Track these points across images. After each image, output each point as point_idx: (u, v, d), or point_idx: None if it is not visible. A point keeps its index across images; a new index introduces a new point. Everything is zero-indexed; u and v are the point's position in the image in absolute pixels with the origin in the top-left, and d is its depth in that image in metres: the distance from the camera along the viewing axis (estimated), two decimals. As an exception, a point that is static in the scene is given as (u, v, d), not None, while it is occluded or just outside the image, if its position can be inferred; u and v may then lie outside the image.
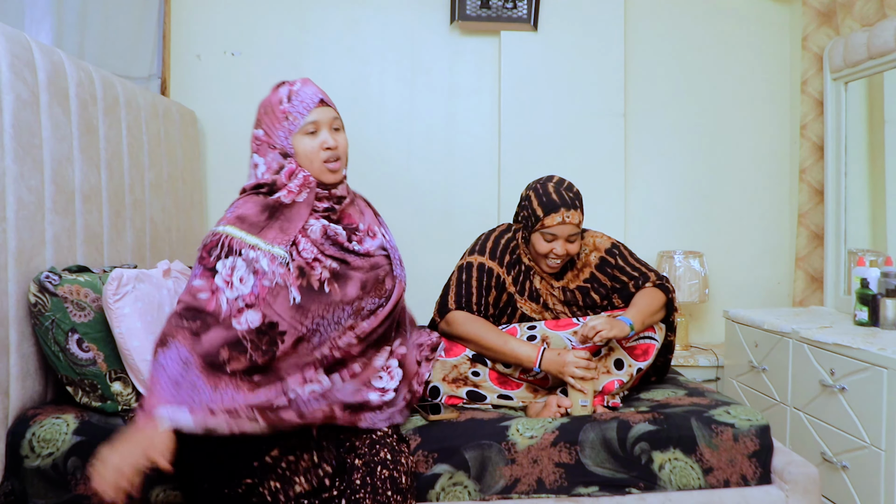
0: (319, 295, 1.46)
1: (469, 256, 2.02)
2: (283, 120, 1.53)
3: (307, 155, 1.53)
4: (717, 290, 3.32)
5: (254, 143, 1.56)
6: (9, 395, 1.60)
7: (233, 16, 3.12)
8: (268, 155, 1.53)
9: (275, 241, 1.45)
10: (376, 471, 1.37)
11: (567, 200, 1.91)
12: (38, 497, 1.57)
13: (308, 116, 1.53)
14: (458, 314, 1.93)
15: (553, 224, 1.90)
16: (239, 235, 1.44)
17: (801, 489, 1.68)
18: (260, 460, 1.35)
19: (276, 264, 1.43)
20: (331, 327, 1.48)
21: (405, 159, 3.23)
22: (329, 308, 1.47)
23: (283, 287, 1.43)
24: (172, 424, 1.26)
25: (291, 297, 1.43)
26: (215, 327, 1.37)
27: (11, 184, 1.59)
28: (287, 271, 1.44)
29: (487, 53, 3.22)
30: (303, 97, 1.53)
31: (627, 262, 2.05)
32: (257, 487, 1.33)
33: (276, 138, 1.53)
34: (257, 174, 1.55)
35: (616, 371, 1.92)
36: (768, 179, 3.35)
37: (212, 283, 1.40)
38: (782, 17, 3.32)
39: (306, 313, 1.44)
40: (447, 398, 1.89)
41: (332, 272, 1.49)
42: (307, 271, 1.47)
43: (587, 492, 1.67)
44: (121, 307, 1.64)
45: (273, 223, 1.47)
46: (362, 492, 1.35)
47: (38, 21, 2.59)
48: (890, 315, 2.33)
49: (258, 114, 1.59)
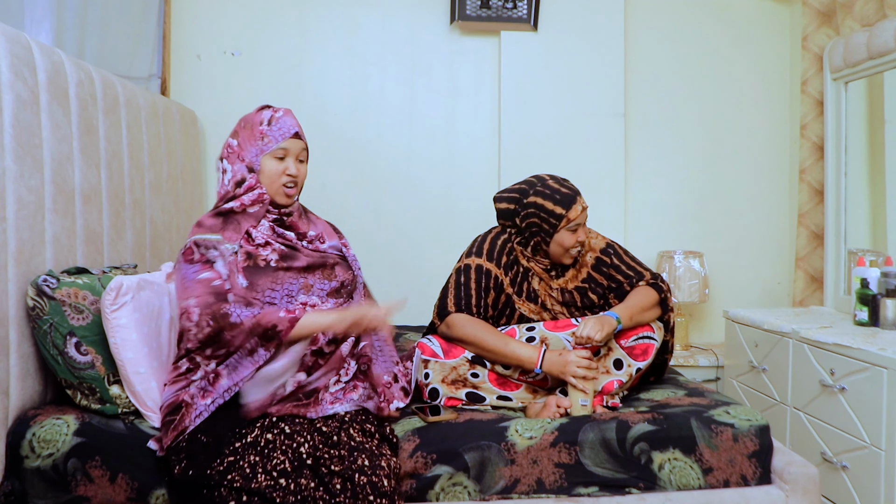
0: (265, 270, 1.64)
1: (466, 259, 2.02)
2: (258, 139, 1.69)
3: (270, 175, 1.69)
4: (717, 290, 3.32)
5: (225, 150, 1.72)
6: (9, 395, 1.60)
7: (233, 16, 3.12)
8: (235, 164, 1.69)
9: (230, 240, 1.64)
10: (354, 478, 1.40)
11: (575, 189, 2.00)
12: (38, 497, 1.57)
13: (281, 143, 1.69)
14: (457, 317, 1.93)
15: (577, 214, 1.95)
16: (204, 236, 1.62)
17: (800, 489, 1.68)
18: (242, 440, 1.48)
19: (229, 255, 1.62)
20: (285, 300, 1.64)
21: (405, 159, 3.23)
22: (277, 281, 1.64)
23: (233, 272, 1.61)
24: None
25: (238, 282, 1.61)
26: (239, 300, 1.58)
27: (11, 184, 1.59)
28: (235, 258, 1.62)
29: (487, 53, 3.22)
30: (282, 125, 1.70)
31: (623, 262, 2.06)
32: (238, 462, 1.43)
33: (247, 153, 1.69)
34: (224, 179, 1.71)
35: (615, 371, 1.92)
36: (768, 179, 3.36)
37: (216, 271, 1.58)
38: (782, 17, 3.32)
39: (255, 287, 1.62)
40: (446, 399, 1.89)
41: (279, 253, 1.68)
42: (254, 254, 1.65)
43: (587, 492, 1.67)
44: (117, 317, 1.64)
45: (227, 226, 1.66)
46: (342, 496, 1.37)
47: (38, 21, 2.59)
48: (890, 315, 2.33)
49: (237, 125, 1.74)
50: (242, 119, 1.74)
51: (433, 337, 1.97)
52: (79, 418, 1.63)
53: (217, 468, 1.43)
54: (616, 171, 3.20)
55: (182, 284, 1.57)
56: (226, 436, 1.49)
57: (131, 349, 1.65)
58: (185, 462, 1.47)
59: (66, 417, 1.63)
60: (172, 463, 1.49)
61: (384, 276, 3.18)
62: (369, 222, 3.20)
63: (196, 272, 1.57)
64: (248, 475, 1.40)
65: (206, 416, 1.53)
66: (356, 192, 3.20)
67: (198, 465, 1.45)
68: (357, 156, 3.20)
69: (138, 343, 1.66)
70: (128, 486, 1.58)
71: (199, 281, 1.56)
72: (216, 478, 1.41)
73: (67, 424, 1.61)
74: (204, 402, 1.54)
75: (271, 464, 1.43)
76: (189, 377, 1.58)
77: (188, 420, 1.51)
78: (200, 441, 1.49)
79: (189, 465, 1.46)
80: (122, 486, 1.58)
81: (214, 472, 1.42)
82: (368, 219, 3.20)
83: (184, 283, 1.57)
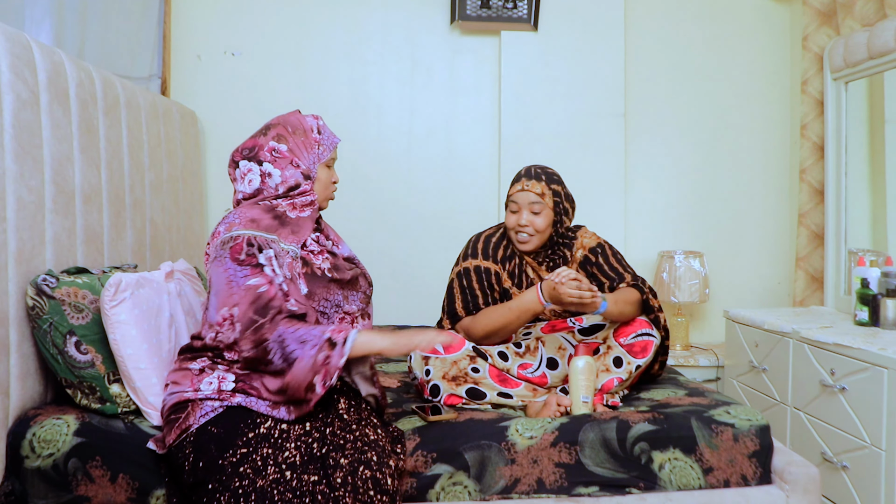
0: (321, 279, 1.63)
1: (464, 262, 2.08)
2: (314, 146, 1.69)
3: (323, 183, 1.72)
4: (717, 289, 3.32)
5: (268, 154, 1.65)
6: (9, 395, 1.60)
7: (233, 16, 3.12)
8: (287, 170, 1.65)
9: (288, 241, 1.60)
10: (358, 470, 1.40)
11: (531, 173, 2.05)
12: (39, 497, 1.57)
13: (332, 152, 1.73)
14: (465, 321, 2.02)
15: (514, 192, 2.03)
16: (259, 234, 1.55)
17: (801, 489, 1.68)
18: (255, 431, 1.45)
19: (289, 259, 1.58)
20: (333, 309, 1.65)
21: (405, 159, 3.23)
22: (329, 291, 1.64)
23: (295, 278, 1.58)
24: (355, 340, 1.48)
25: (300, 287, 1.58)
26: (285, 312, 1.50)
27: (11, 184, 1.59)
28: (295, 263, 1.60)
29: (487, 53, 3.22)
30: (329, 134, 1.73)
31: (607, 262, 2.08)
32: (251, 455, 1.41)
33: (303, 159, 1.67)
34: (268, 183, 1.65)
35: (615, 369, 1.93)
36: (769, 179, 3.36)
37: (265, 275, 1.51)
38: (783, 17, 3.32)
39: (313, 296, 1.61)
40: (447, 397, 1.89)
41: (330, 263, 1.67)
42: (310, 261, 1.63)
43: (587, 492, 1.67)
44: (117, 314, 1.64)
45: (283, 228, 1.61)
46: (342, 490, 1.36)
47: (39, 21, 2.59)
48: (890, 315, 2.32)
49: (279, 129, 1.68)
50: (285, 122, 1.68)
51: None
52: (79, 418, 1.63)
53: (230, 459, 1.40)
54: (616, 171, 3.20)
55: (227, 285, 1.49)
56: (238, 426, 1.46)
57: (131, 345, 1.64)
58: (194, 456, 1.44)
59: (67, 417, 1.63)
60: (179, 460, 1.47)
61: (384, 275, 3.18)
62: (369, 222, 3.20)
63: (245, 276, 1.49)
64: (260, 468, 1.38)
65: (213, 416, 1.48)
66: (356, 191, 3.20)
67: (209, 457, 1.42)
68: (357, 156, 3.20)
69: (138, 339, 1.65)
70: (128, 486, 1.58)
71: (246, 288, 1.48)
72: (228, 470, 1.38)
73: (68, 424, 1.61)
74: (212, 404, 1.49)
75: (282, 456, 1.41)
76: (202, 378, 1.53)
77: (193, 419, 1.48)
78: (211, 432, 1.45)
79: (199, 458, 1.43)
80: (122, 485, 1.58)
81: (227, 464, 1.39)
82: (368, 218, 3.20)
83: (229, 285, 1.49)
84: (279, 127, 1.68)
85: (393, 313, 3.15)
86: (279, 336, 1.46)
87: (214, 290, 1.52)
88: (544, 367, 2.01)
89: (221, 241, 1.55)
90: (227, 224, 1.58)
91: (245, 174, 1.66)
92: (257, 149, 1.65)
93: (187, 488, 1.45)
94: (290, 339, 1.45)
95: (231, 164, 1.69)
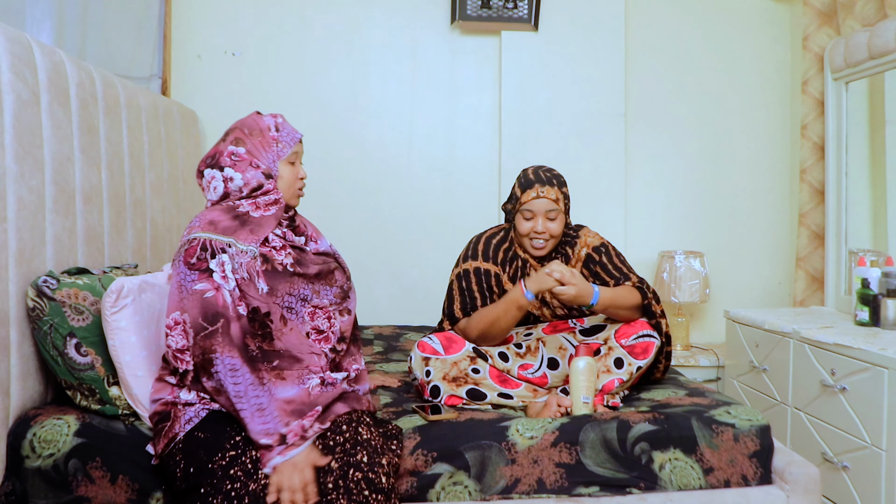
0: (283, 274, 1.62)
1: (464, 264, 2.06)
2: (273, 145, 1.69)
3: (287, 180, 1.71)
4: (717, 290, 3.32)
5: (227, 158, 1.66)
6: (10, 395, 1.60)
7: (233, 16, 3.12)
8: (248, 172, 1.66)
9: (246, 241, 1.59)
10: (349, 474, 1.40)
11: (542, 178, 2.00)
12: (39, 497, 1.57)
13: (293, 148, 1.72)
14: (461, 323, 2.01)
15: (528, 199, 1.98)
16: (215, 237, 1.56)
17: (801, 489, 1.68)
18: (242, 434, 1.47)
19: (247, 258, 1.58)
20: (299, 304, 1.64)
21: (406, 159, 3.23)
22: (293, 286, 1.63)
23: (253, 277, 1.58)
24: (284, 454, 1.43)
25: (259, 287, 1.58)
26: (233, 321, 1.50)
27: (12, 184, 1.59)
28: (254, 262, 1.59)
29: (488, 53, 3.22)
30: (288, 130, 1.72)
31: (611, 262, 2.07)
32: (240, 457, 1.42)
33: (262, 159, 1.67)
34: (230, 187, 1.66)
35: (616, 370, 1.92)
36: (769, 179, 3.36)
37: (212, 281, 1.51)
38: (783, 17, 3.32)
39: (275, 292, 1.60)
40: (447, 397, 1.89)
41: (294, 258, 1.66)
42: (271, 257, 1.62)
43: (588, 492, 1.67)
44: (117, 320, 1.64)
45: (242, 228, 1.61)
46: (335, 493, 1.37)
47: (39, 21, 2.59)
48: (891, 315, 2.32)
49: (236, 133, 1.69)
50: (240, 127, 1.70)
51: (434, 335, 1.97)
52: (79, 419, 1.63)
53: (219, 462, 1.41)
54: (616, 171, 3.20)
55: (178, 289, 1.53)
56: (225, 430, 1.48)
57: (130, 352, 1.64)
58: (184, 462, 1.46)
59: (67, 418, 1.63)
60: (171, 468, 1.48)
61: (383, 276, 3.19)
62: (369, 222, 3.20)
63: (193, 281, 1.51)
64: (250, 471, 1.40)
65: (198, 422, 1.50)
66: (356, 192, 3.20)
67: (199, 462, 1.43)
68: (357, 156, 3.20)
69: (137, 346, 1.65)
70: (128, 487, 1.58)
71: (193, 293, 1.50)
72: (219, 473, 1.40)
73: (68, 425, 1.61)
74: (195, 409, 1.51)
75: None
76: (178, 386, 1.55)
77: (178, 426, 1.50)
78: (198, 438, 1.47)
79: (189, 464, 1.45)
80: (122, 487, 1.58)
81: (217, 468, 1.41)
82: (368, 219, 3.20)
83: (180, 289, 1.52)
84: (237, 131, 1.70)
85: (391, 315, 3.15)
86: (231, 365, 1.46)
87: (169, 293, 1.56)
88: (545, 367, 2.01)
89: (181, 243, 1.58)
90: (189, 227, 1.60)
91: (210, 182, 1.67)
92: (218, 155, 1.67)
93: (182, 494, 1.46)
94: (238, 384, 1.45)
95: (198, 174, 1.71)
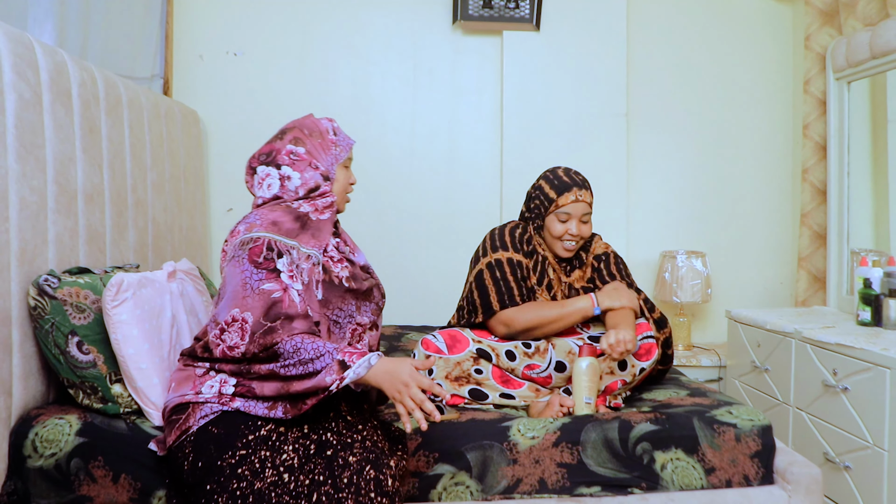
0: (338, 288, 1.61)
1: (494, 254, 2.02)
2: (332, 148, 1.70)
3: (341, 184, 1.73)
4: (719, 290, 3.32)
5: (286, 157, 1.65)
6: (12, 394, 1.61)
7: (235, 16, 3.12)
8: (306, 172, 1.65)
9: (309, 245, 1.59)
10: (364, 470, 1.39)
11: (578, 181, 2.02)
12: (41, 497, 1.57)
13: (349, 153, 1.74)
14: (508, 312, 1.95)
15: (567, 203, 1.98)
16: (279, 239, 1.54)
17: (803, 489, 1.67)
18: (255, 433, 1.45)
19: (309, 264, 1.57)
20: (346, 319, 1.64)
21: (407, 159, 3.23)
22: (344, 301, 1.62)
23: (311, 283, 1.58)
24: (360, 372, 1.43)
25: (316, 295, 1.58)
26: (297, 319, 1.49)
27: (14, 184, 1.60)
28: (315, 268, 1.58)
29: (490, 53, 3.22)
30: (344, 136, 1.74)
31: (609, 271, 2.07)
32: (249, 456, 1.41)
33: (321, 161, 1.67)
34: (288, 186, 1.65)
35: (619, 371, 1.92)
36: (771, 179, 3.35)
37: (280, 282, 1.50)
38: (785, 17, 3.32)
39: (328, 305, 1.59)
40: (449, 398, 1.89)
41: (349, 272, 1.66)
42: (329, 268, 1.61)
43: (589, 492, 1.67)
44: (118, 314, 1.64)
45: (304, 231, 1.60)
46: (346, 491, 1.36)
47: (41, 21, 2.59)
48: (893, 315, 2.32)
49: (295, 133, 1.68)
50: (299, 127, 1.69)
51: (438, 333, 1.97)
52: (81, 418, 1.64)
53: (228, 461, 1.40)
54: (618, 171, 3.20)
55: (242, 287, 1.49)
56: (238, 428, 1.46)
57: (132, 345, 1.65)
58: (193, 456, 1.44)
59: (69, 417, 1.63)
60: (178, 461, 1.47)
61: (385, 276, 3.16)
62: (371, 222, 3.20)
63: (260, 280, 1.49)
64: (258, 470, 1.39)
65: (212, 417, 1.49)
66: (358, 192, 3.16)
67: (208, 458, 1.42)
68: (359, 156, 3.18)
69: (139, 339, 1.65)
70: (130, 486, 1.58)
71: (260, 292, 1.48)
72: (227, 471, 1.39)
73: (70, 424, 1.61)
74: (212, 406, 1.50)
75: (280, 458, 1.42)
76: (204, 380, 1.53)
77: (193, 420, 1.49)
78: (211, 433, 1.46)
79: (197, 458, 1.44)
80: (124, 486, 1.58)
81: (225, 465, 1.40)
82: (370, 219, 3.20)
83: (244, 287, 1.49)
84: (295, 130, 1.68)
85: (393, 314, 3.15)
86: (295, 345, 1.44)
87: (229, 290, 1.51)
88: (552, 369, 2.00)
89: (241, 241, 1.54)
90: (248, 224, 1.57)
91: (263, 179, 1.65)
92: (275, 153, 1.65)
93: (187, 489, 1.46)
94: (305, 349, 1.44)
95: (248, 171, 1.68)
